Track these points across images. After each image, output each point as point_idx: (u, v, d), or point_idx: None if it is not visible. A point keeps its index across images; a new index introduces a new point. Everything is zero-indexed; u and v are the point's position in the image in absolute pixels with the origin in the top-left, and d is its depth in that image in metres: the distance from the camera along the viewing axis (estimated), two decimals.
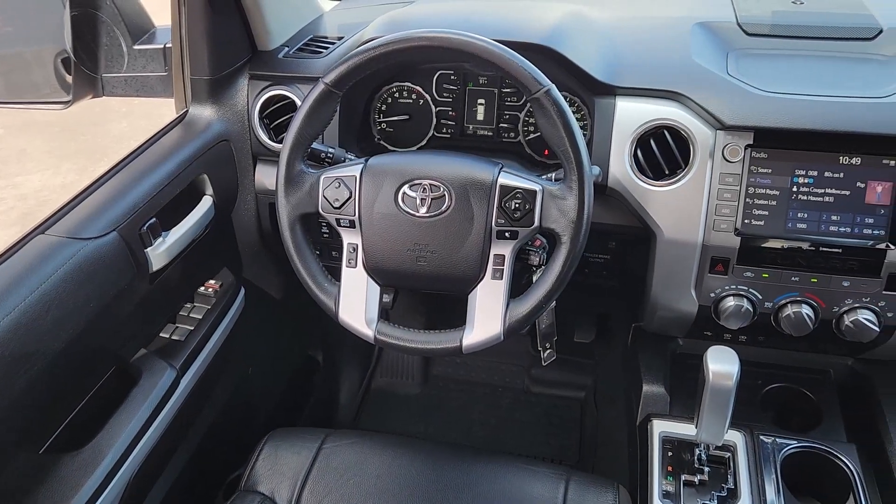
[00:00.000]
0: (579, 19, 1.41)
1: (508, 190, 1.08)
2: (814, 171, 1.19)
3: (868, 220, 1.18)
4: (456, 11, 1.48)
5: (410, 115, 1.48)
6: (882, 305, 1.22)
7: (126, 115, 5.05)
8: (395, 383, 2.22)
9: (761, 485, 1.22)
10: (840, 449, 1.28)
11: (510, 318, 1.10)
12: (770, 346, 1.43)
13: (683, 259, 1.27)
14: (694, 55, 1.30)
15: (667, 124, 1.23)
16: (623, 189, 1.26)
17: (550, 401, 2.15)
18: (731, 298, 1.27)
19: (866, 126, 1.16)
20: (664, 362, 1.49)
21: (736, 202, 1.21)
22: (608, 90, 1.27)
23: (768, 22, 1.42)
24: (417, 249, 1.11)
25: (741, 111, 1.20)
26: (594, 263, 1.41)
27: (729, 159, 1.20)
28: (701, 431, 1.17)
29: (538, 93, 1.05)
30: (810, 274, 1.22)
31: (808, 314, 1.24)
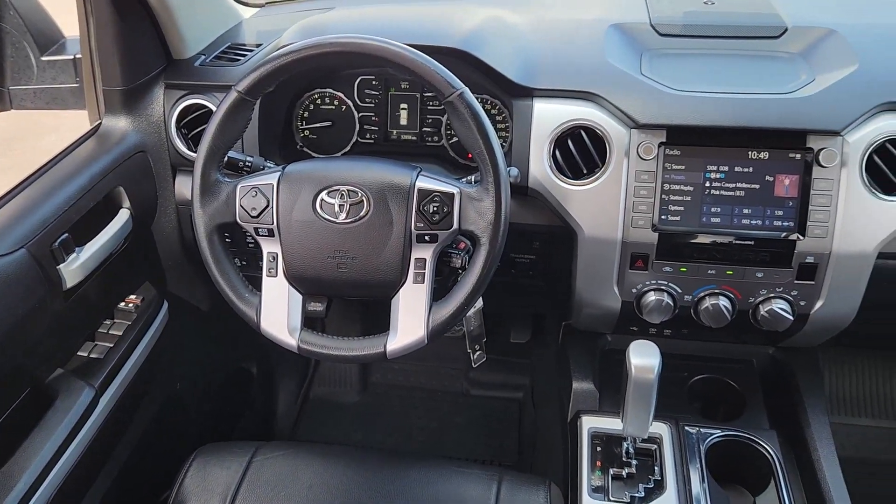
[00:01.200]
0: (497, 23, 1.42)
1: (426, 193, 1.08)
2: (725, 166, 1.22)
3: (777, 213, 1.22)
4: (374, 17, 1.48)
5: (333, 122, 1.47)
6: (794, 294, 1.26)
7: (55, 128, 4.90)
8: (334, 392, 2.20)
9: (686, 475, 1.24)
10: (761, 436, 1.32)
11: (433, 322, 1.10)
12: (694, 338, 1.46)
13: (605, 256, 1.29)
14: (608, 56, 1.32)
15: (583, 124, 1.25)
16: (543, 189, 1.27)
17: (489, 402, 2.16)
18: (652, 293, 1.29)
19: (772, 121, 1.20)
20: (593, 359, 1.51)
21: (652, 199, 1.23)
22: (525, 92, 1.29)
23: (680, 22, 1.45)
24: (338, 256, 1.11)
25: (654, 110, 1.23)
26: (520, 264, 1.42)
27: (643, 157, 1.22)
28: (627, 425, 1.19)
29: (451, 96, 1.05)
30: (726, 266, 1.25)
31: (725, 306, 1.27)
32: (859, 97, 1.20)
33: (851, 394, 2.02)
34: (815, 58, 1.33)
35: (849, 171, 1.19)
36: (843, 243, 1.20)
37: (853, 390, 2.02)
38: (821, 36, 1.37)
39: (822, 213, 1.20)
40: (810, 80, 1.26)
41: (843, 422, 1.99)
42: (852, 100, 1.20)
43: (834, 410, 2.01)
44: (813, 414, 1.37)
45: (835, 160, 1.18)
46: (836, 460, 1.29)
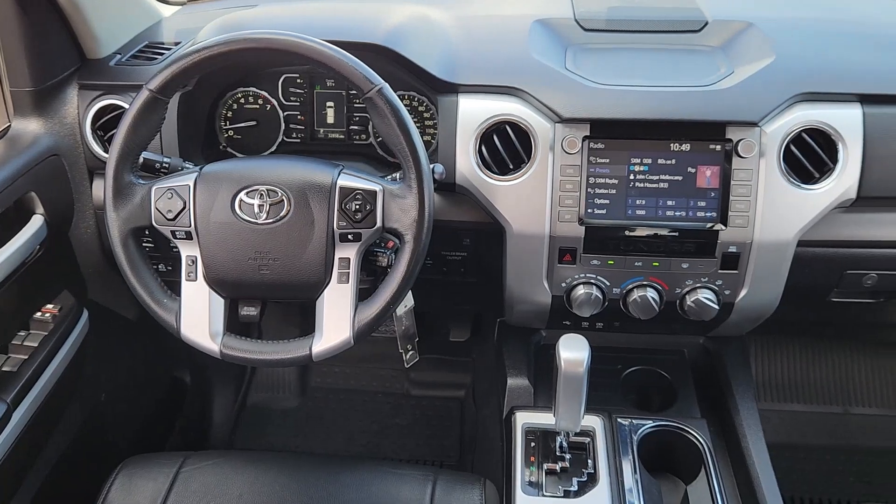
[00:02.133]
0: (421, 20, 1.41)
1: (348, 191, 1.06)
2: (648, 158, 1.23)
3: (700, 204, 1.23)
4: (296, 14, 1.45)
5: (258, 121, 1.44)
6: (719, 284, 1.27)
7: None
8: (272, 398, 2.15)
9: (619, 466, 1.25)
10: (692, 425, 1.34)
11: (359, 322, 1.08)
12: (626, 330, 1.48)
13: (534, 251, 1.29)
14: (533, 52, 1.32)
15: (508, 119, 1.25)
16: (470, 185, 1.27)
17: (430, 402, 2.15)
18: (581, 287, 1.30)
19: (692, 113, 1.21)
20: (527, 355, 1.51)
21: (578, 192, 1.24)
22: (450, 88, 1.28)
23: (604, 17, 1.46)
24: (259, 258, 1.08)
25: (577, 104, 1.23)
26: (451, 261, 1.41)
27: (568, 151, 1.22)
28: (559, 420, 1.19)
29: (371, 92, 1.04)
30: (652, 258, 1.26)
31: (653, 297, 1.28)
32: (776, 88, 1.23)
33: (780, 380, 2.07)
34: (734, 51, 1.35)
35: (767, 161, 1.21)
36: (763, 232, 1.23)
37: (782, 377, 2.07)
38: (739, 29, 1.39)
39: (743, 203, 1.22)
40: (729, 72, 1.28)
41: (772, 408, 2.04)
42: (769, 91, 1.22)
43: (764, 397, 2.06)
44: (742, 401, 1.40)
45: (753, 150, 1.20)
46: (764, 446, 1.32)
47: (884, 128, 1.22)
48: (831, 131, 1.21)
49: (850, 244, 1.29)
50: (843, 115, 1.22)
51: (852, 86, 1.24)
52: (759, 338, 2.10)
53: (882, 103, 1.23)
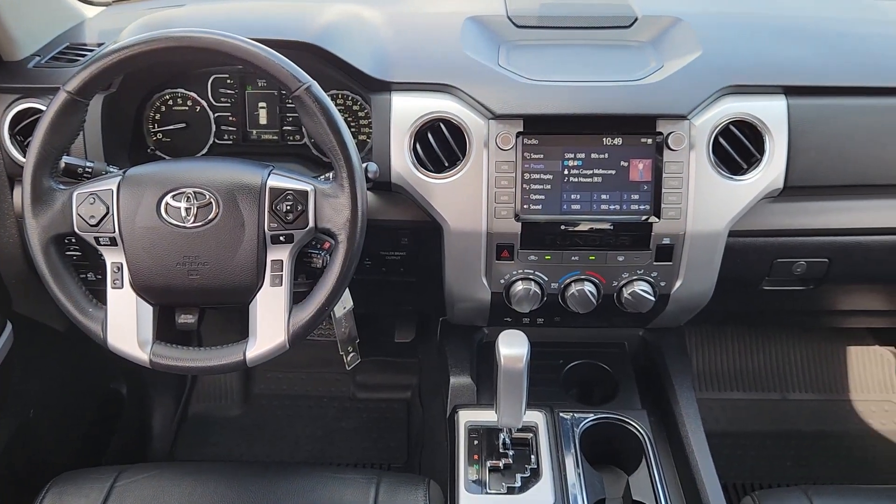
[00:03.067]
0: (353, 18, 1.39)
1: (279, 192, 1.04)
2: (581, 153, 1.24)
3: (634, 197, 1.24)
4: (225, 12, 1.42)
5: (188, 123, 1.41)
6: (654, 276, 1.29)
7: None
8: (214, 407, 2.11)
9: (562, 460, 1.26)
10: (633, 417, 1.35)
11: (294, 326, 1.06)
12: (567, 325, 1.48)
13: (472, 248, 1.28)
14: (465, 49, 1.32)
15: (442, 117, 1.24)
16: (406, 184, 1.26)
17: (377, 404, 2.13)
18: (519, 283, 1.30)
19: (623, 107, 1.22)
20: (470, 353, 1.51)
21: (513, 189, 1.24)
22: (383, 86, 1.26)
23: (536, 14, 1.47)
24: (187, 262, 1.05)
25: (510, 100, 1.23)
26: (390, 261, 1.40)
27: (502, 147, 1.22)
28: (501, 416, 1.19)
29: (298, 90, 1.02)
30: (588, 252, 1.27)
31: (590, 291, 1.29)
32: (703, 82, 1.25)
33: (720, 369, 2.12)
34: (663, 46, 1.37)
35: (697, 153, 1.23)
36: (695, 224, 1.25)
37: (721, 366, 2.12)
38: (668, 25, 1.41)
39: (675, 196, 1.23)
40: (659, 66, 1.30)
41: (713, 397, 2.08)
42: (697, 85, 1.24)
43: (704, 386, 2.10)
44: (681, 391, 1.42)
45: (683, 143, 1.21)
46: (702, 435, 1.33)
47: (807, 119, 1.25)
48: (758, 123, 1.24)
49: (779, 233, 1.32)
50: (768, 107, 1.25)
51: (777, 78, 1.27)
52: (698, 328, 2.14)
53: (805, 95, 1.27)
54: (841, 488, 1.27)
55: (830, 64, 1.33)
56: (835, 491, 1.25)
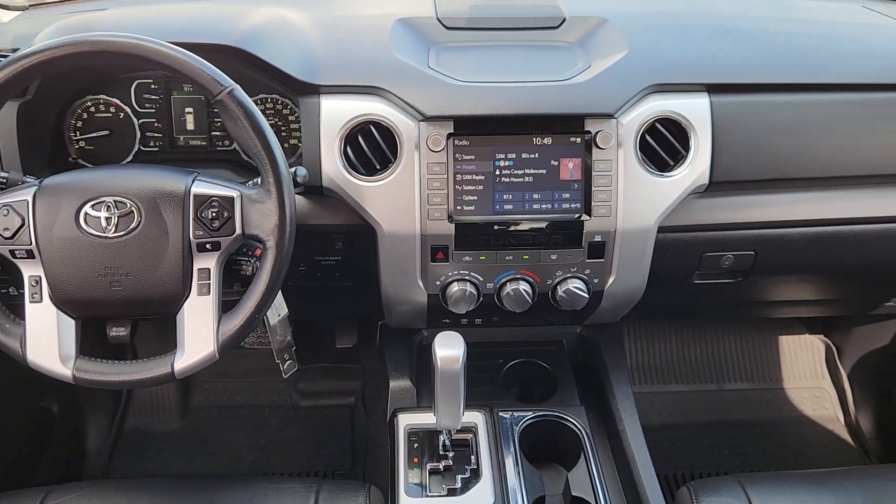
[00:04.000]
0: (279, 21, 1.37)
1: (203, 199, 1.02)
2: (512, 153, 1.24)
3: (565, 195, 1.26)
4: (146, 16, 1.38)
5: (111, 131, 1.36)
6: (588, 273, 1.30)
7: None
8: (152, 421, 2.05)
9: (501, 460, 1.26)
10: (571, 413, 1.37)
11: (223, 335, 1.04)
12: (506, 324, 1.49)
13: (406, 251, 1.28)
14: (395, 51, 1.31)
15: (372, 119, 1.23)
16: (338, 188, 1.24)
17: (320, 412, 2.10)
18: (455, 284, 1.30)
19: (552, 107, 1.24)
20: (410, 356, 1.50)
21: (446, 190, 1.23)
22: (311, 89, 1.25)
23: (466, 15, 1.47)
24: (110, 274, 1.02)
25: (440, 102, 1.23)
26: (326, 266, 1.38)
27: (433, 149, 1.22)
28: (440, 418, 1.19)
29: (221, 94, 1.00)
30: (522, 251, 1.28)
31: (525, 290, 1.30)
32: (629, 81, 1.27)
33: (657, 363, 2.16)
34: (590, 46, 1.39)
35: (625, 151, 1.25)
36: (625, 221, 1.26)
37: (658, 359, 2.16)
38: (595, 25, 1.43)
39: (605, 193, 1.25)
40: (586, 66, 1.31)
41: (651, 390, 2.12)
42: (623, 83, 1.26)
43: (642, 380, 2.14)
44: (617, 386, 1.44)
45: (611, 142, 1.23)
46: (639, 428, 1.36)
47: (730, 115, 1.29)
48: (682, 120, 1.27)
49: (706, 228, 1.36)
50: (692, 105, 1.27)
51: (699, 76, 1.30)
52: (634, 323, 2.18)
53: (727, 92, 1.30)
54: (773, 475, 1.30)
55: (751, 61, 1.37)
56: (767, 478, 1.28)
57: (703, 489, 1.24)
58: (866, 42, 1.49)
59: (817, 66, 1.37)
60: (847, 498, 1.22)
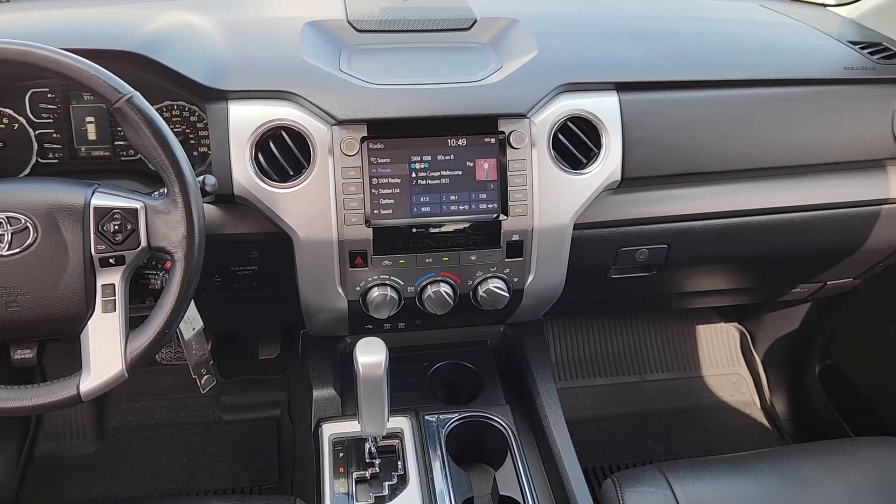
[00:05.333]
0: (183, 26, 1.33)
1: (105, 211, 0.98)
2: (428, 155, 1.24)
3: (482, 196, 1.26)
4: (40, 21, 1.32)
5: (4, 143, 1.29)
6: (507, 272, 1.31)
7: None
8: (65, 446, 1.96)
9: (428, 464, 1.25)
10: (497, 412, 1.37)
11: (131, 353, 1.00)
12: (428, 327, 1.49)
13: (324, 257, 1.25)
14: (305, 54, 1.29)
15: (283, 124, 1.21)
16: (250, 196, 1.21)
17: (245, 426, 2.05)
18: (375, 289, 1.28)
19: (465, 108, 1.24)
20: (333, 364, 1.48)
21: (362, 194, 1.22)
22: (218, 95, 1.21)
23: (377, 18, 1.45)
24: (4, 294, 0.96)
25: (352, 105, 1.21)
26: (242, 276, 1.35)
27: (347, 153, 1.20)
28: (364, 425, 1.17)
29: (119, 102, 0.96)
30: (441, 253, 1.28)
31: (446, 292, 1.29)
32: (540, 81, 1.28)
33: (581, 357, 2.20)
34: (501, 47, 1.40)
35: (538, 150, 1.26)
36: (542, 219, 1.28)
37: (582, 354, 2.20)
38: (506, 26, 1.44)
39: (521, 193, 1.26)
40: (498, 67, 1.32)
41: (577, 385, 2.16)
42: (534, 84, 1.28)
43: (567, 375, 2.17)
44: (541, 383, 1.45)
45: (524, 141, 1.24)
46: (563, 424, 1.37)
47: (638, 113, 1.32)
48: (593, 119, 1.29)
49: (620, 223, 1.38)
50: (602, 103, 1.30)
51: (608, 75, 1.32)
52: (557, 320, 2.21)
53: (635, 90, 1.33)
54: (693, 461, 1.34)
55: (658, 60, 1.40)
56: (687, 465, 1.32)
57: (627, 480, 1.26)
58: (766, 39, 1.56)
59: (721, 64, 1.42)
60: (762, 478, 1.27)
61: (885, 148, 1.45)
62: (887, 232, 1.55)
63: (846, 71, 1.44)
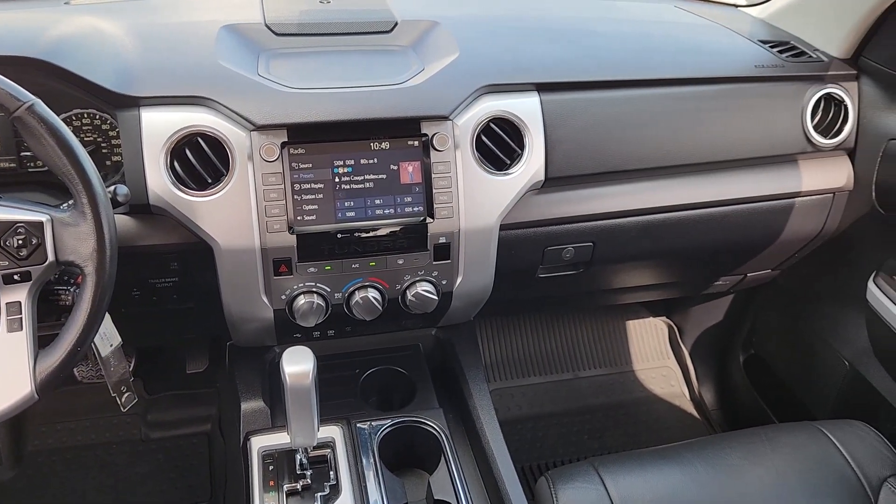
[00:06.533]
0: (91, 31, 1.27)
1: (7, 226, 0.93)
2: (351, 160, 1.22)
3: (407, 199, 1.25)
4: None
5: None
6: (435, 275, 1.30)
7: None
8: None
9: (361, 472, 1.23)
10: (429, 416, 1.36)
11: (41, 373, 0.95)
12: (359, 334, 1.47)
13: (247, 266, 1.22)
14: (221, 59, 1.25)
15: (199, 131, 1.17)
16: (167, 205, 1.17)
17: (174, 442, 1.99)
18: (301, 297, 1.26)
19: (387, 111, 1.22)
20: (260, 375, 1.45)
21: (284, 201, 1.19)
22: (130, 102, 1.17)
23: (296, 21, 1.43)
24: None
25: (271, 110, 1.19)
26: (162, 289, 1.30)
27: (267, 159, 1.18)
28: (294, 436, 1.14)
29: (18, 110, 0.91)
30: (368, 258, 1.26)
31: (375, 297, 1.28)
32: (462, 82, 1.28)
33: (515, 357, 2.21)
34: (423, 49, 1.39)
35: (462, 152, 1.26)
36: (468, 221, 1.28)
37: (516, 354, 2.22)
38: (427, 28, 1.44)
39: (446, 195, 1.25)
40: (420, 69, 1.31)
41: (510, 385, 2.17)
42: (456, 85, 1.27)
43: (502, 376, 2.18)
44: (473, 384, 1.45)
45: (447, 143, 1.24)
46: (496, 425, 1.37)
47: (560, 113, 1.33)
48: (515, 119, 1.30)
49: (546, 223, 1.40)
50: (523, 104, 1.31)
51: (529, 76, 1.33)
52: (489, 321, 2.22)
53: (556, 91, 1.34)
54: (624, 455, 1.36)
55: (577, 61, 1.42)
56: (619, 459, 1.34)
57: (560, 477, 1.27)
58: (681, 39, 1.60)
59: (638, 64, 1.45)
60: (689, 468, 1.30)
61: (796, 143, 1.51)
62: (801, 224, 1.61)
63: (757, 69, 1.48)
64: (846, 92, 1.52)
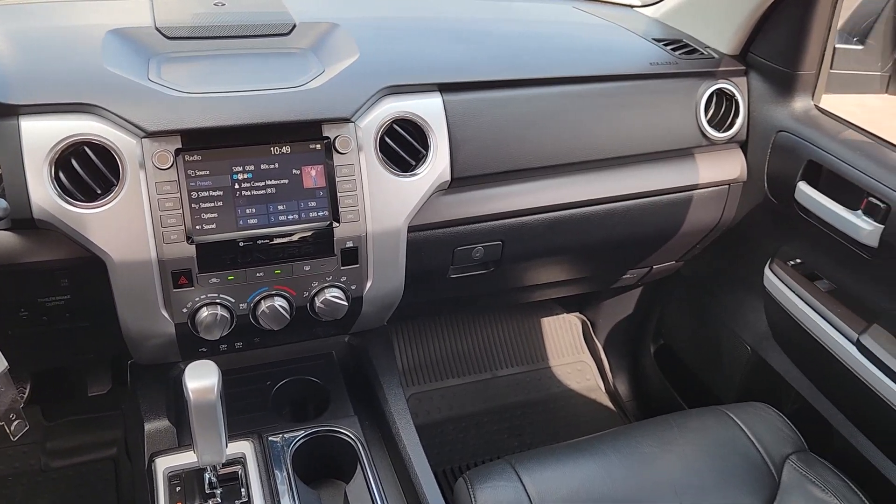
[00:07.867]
0: None
1: None
2: (250, 165, 1.19)
3: (311, 204, 1.22)
4: None
5: None
6: (344, 280, 1.28)
7: None
8: None
9: (274, 487, 1.20)
10: (344, 425, 1.33)
11: None
12: (268, 344, 1.43)
13: (144, 280, 1.17)
14: (107, 64, 1.20)
15: (85, 139, 1.11)
16: (53, 219, 1.11)
17: (77, 470, 1.89)
18: (204, 309, 1.21)
19: (287, 114, 1.19)
20: (164, 393, 1.39)
21: (181, 210, 1.15)
22: (7, 110, 1.10)
23: (188, 24, 1.38)
24: None
25: (163, 116, 1.14)
26: (52, 308, 1.23)
27: (160, 167, 1.13)
28: (201, 454, 1.10)
29: None
30: (273, 266, 1.23)
31: (282, 306, 1.24)
32: (363, 84, 1.26)
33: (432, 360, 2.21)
34: (323, 51, 1.37)
35: (366, 154, 1.24)
36: (375, 224, 1.26)
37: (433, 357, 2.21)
38: (326, 30, 1.42)
39: (351, 198, 1.23)
40: (320, 72, 1.29)
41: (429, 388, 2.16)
42: (357, 87, 1.26)
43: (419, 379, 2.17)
44: (389, 390, 1.43)
45: (350, 146, 1.22)
46: (412, 430, 1.36)
47: (463, 113, 1.33)
48: (419, 120, 1.29)
49: (455, 223, 1.40)
50: (426, 105, 1.30)
51: (430, 76, 1.33)
52: (405, 325, 2.21)
53: (458, 91, 1.34)
54: (540, 451, 1.37)
55: (477, 61, 1.43)
56: (535, 455, 1.34)
57: (478, 477, 1.27)
58: (579, 39, 1.63)
59: (538, 63, 1.47)
60: (604, 459, 1.32)
61: (692, 137, 1.56)
62: (700, 215, 1.66)
63: (652, 66, 1.53)
64: (736, 87, 1.59)
